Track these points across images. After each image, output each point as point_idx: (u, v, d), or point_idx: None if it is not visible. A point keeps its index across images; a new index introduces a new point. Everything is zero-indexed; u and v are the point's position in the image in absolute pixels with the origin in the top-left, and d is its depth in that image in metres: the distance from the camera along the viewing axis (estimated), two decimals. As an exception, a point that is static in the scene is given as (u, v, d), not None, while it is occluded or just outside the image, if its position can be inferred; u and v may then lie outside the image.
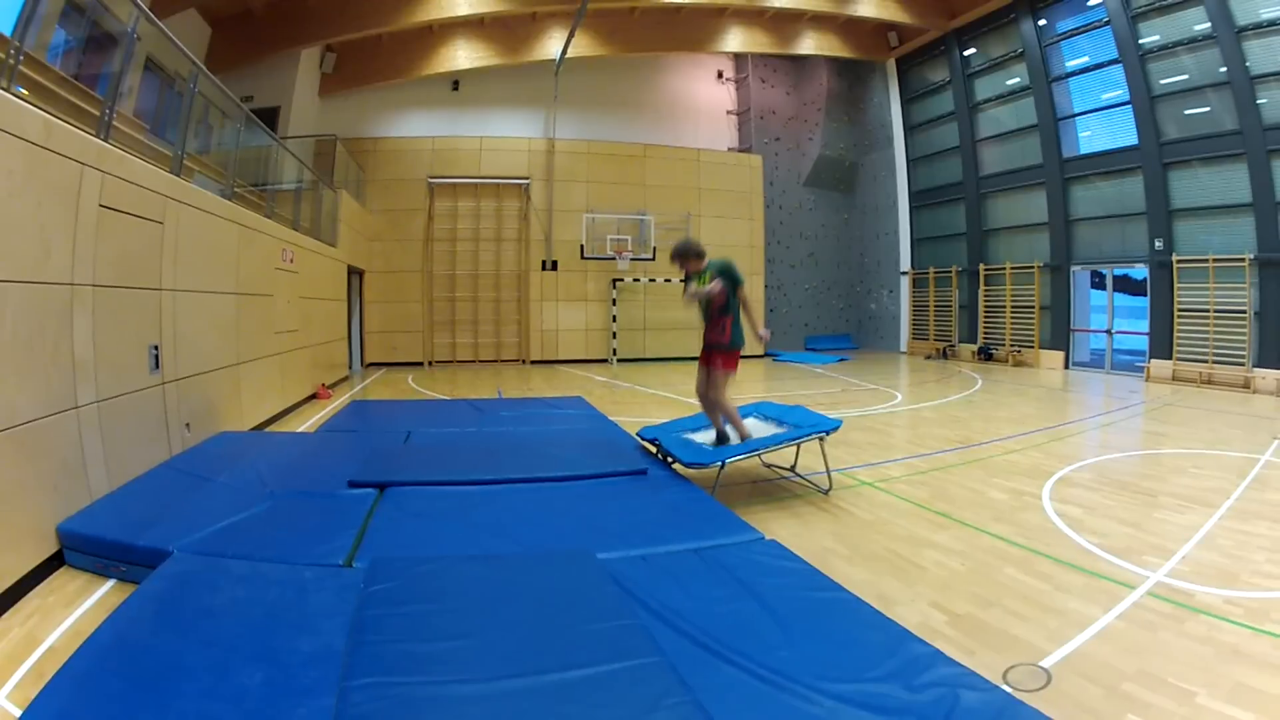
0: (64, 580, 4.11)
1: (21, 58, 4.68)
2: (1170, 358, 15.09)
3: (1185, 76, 14.78)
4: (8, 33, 4.84)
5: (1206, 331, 14.48)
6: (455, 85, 19.76)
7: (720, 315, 6.07)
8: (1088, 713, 2.80)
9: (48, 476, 4.30)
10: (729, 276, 6.00)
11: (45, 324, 4.39)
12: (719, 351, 6.11)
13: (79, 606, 3.76)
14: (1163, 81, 15.19)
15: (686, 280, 6.25)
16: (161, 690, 2.51)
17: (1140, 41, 15.43)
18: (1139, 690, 2.94)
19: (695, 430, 6.67)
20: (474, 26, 18.04)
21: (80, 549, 4.25)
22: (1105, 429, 9.87)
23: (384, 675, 2.57)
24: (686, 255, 6.15)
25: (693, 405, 6.45)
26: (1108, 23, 16.04)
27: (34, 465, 4.17)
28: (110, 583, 4.06)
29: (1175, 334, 15.06)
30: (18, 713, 2.62)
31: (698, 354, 6.32)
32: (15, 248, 4.09)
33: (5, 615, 3.63)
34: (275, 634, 2.96)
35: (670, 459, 6.18)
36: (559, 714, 2.41)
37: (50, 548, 4.22)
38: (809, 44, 20.60)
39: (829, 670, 2.70)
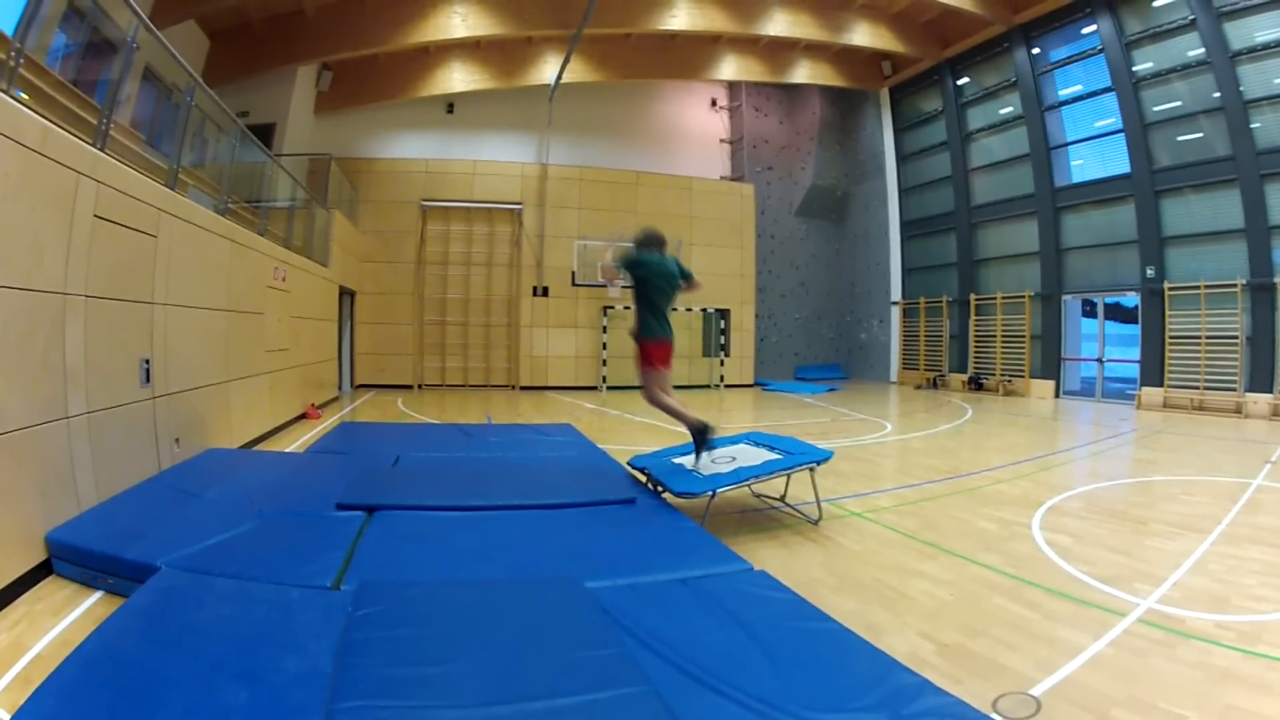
0: (52, 589, 4.09)
1: (22, 60, 4.66)
2: (1162, 385, 15.21)
3: (1179, 103, 15.01)
4: (9, 32, 4.85)
5: (1198, 358, 14.60)
6: (450, 108, 19.92)
7: (637, 305, 5.96)
8: (1077, 742, 2.79)
9: (37, 484, 4.28)
10: (629, 266, 5.90)
11: (36, 331, 4.38)
12: (638, 346, 6.01)
13: (66, 616, 3.74)
14: (1156, 108, 15.43)
15: None
16: (147, 703, 2.49)
17: (1134, 69, 15.67)
18: (1129, 716, 2.93)
19: (682, 455, 6.60)
20: (470, 49, 18.21)
21: (68, 559, 4.23)
22: (1096, 457, 9.90)
23: (370, 699, 2.55)
24: (637, 242, 6.08)
25: (681, 434, 6.40)
26: (1101, 51, 16.29)
27: (23, 472, 4.15)
28: (98, 594, 4.03)
29: (1166, 361, 15.19)
30: (5, 717, 2.60)
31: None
32: (7, 252, 4.08)
33: (-6, 619, 3.61)
34: (262, 653, 2.93)
35: (660, 488, 6.14)
36: (546, 740, 2.39)
37: (38, 556, 4.20)
38: (803, 73, 20.85)
39: (816, 699, 2.67)
